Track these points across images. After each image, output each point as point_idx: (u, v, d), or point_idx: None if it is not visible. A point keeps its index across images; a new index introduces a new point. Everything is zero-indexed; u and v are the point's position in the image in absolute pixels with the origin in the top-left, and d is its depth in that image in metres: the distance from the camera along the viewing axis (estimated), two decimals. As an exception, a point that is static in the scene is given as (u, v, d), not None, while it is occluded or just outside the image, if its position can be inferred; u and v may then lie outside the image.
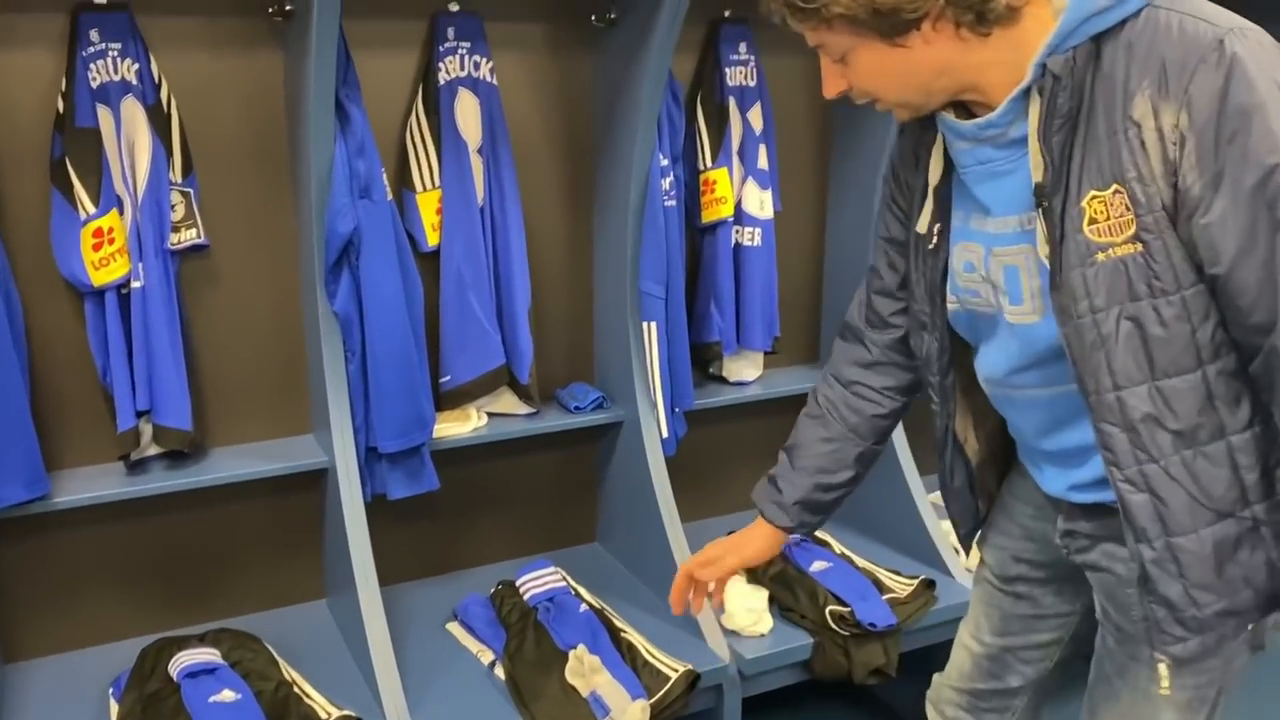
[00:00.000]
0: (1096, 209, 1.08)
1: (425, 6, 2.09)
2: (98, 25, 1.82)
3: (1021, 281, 1.17)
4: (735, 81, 2.39)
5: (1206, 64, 1.00)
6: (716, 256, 2.43)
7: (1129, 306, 1.08)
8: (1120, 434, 1.12)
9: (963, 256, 1.23)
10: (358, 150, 1.93)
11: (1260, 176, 1.00)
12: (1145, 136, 1.03)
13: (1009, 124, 1.12)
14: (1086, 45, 1.06)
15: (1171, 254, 1.05)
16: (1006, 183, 1.15)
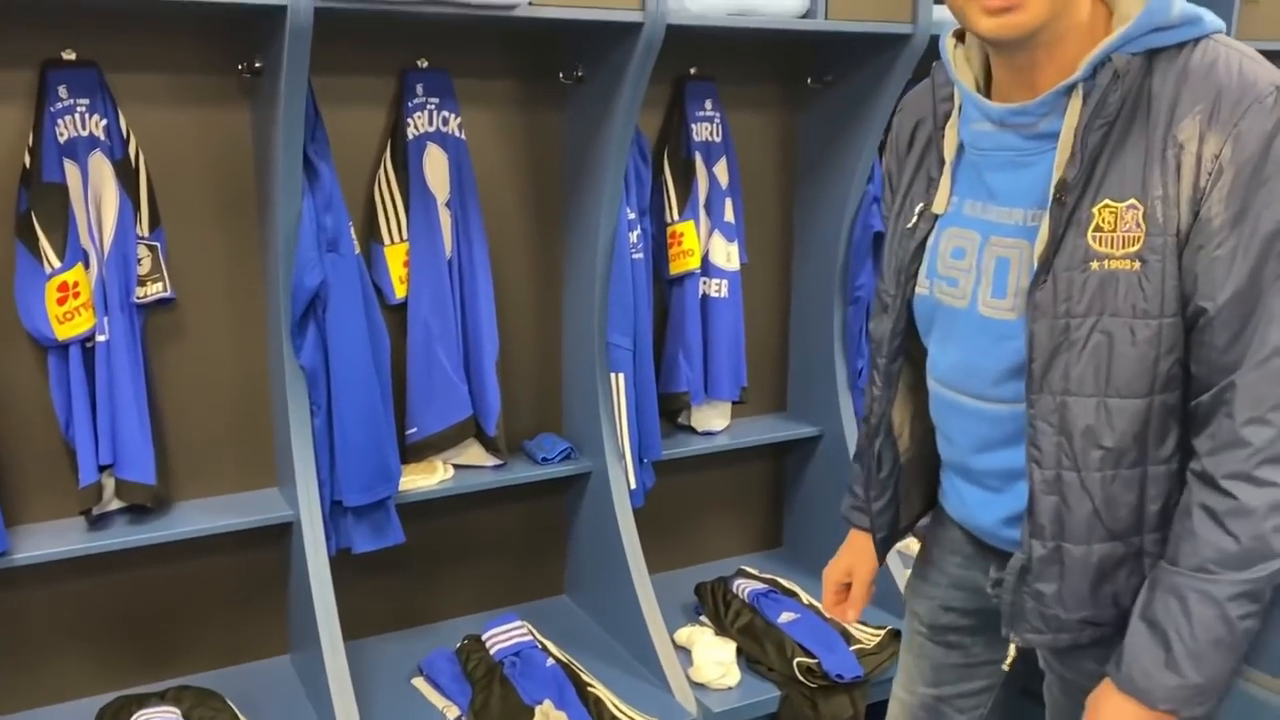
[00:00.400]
0: (1105, 218, 1.10)
1: (394, 63, 2.12)
2: (66, 81, 1.83)
3: (1010, 276, 1.18)
4: (701, 137, 2.42)
5: (1262, 106, 1.04)
6: (684, 308, 2.45)
7: (1106, 320, 1.10)
8: (1053, 437, 1.15)
9: (953, 242, 1.23)
10: (325, 205, 1.95)
11: (1275, 225, 1.04)
12: (1184, 159, 1.05)
13: (1043, 116, 1.13)
14: (1141, 57, 1.08)
15: (1167, 279, 1.08)
16: (1023, 174, 1.16)
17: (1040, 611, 1.20)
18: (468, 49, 2.17)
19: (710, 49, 2.40)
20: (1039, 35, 1.10)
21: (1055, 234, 1.11)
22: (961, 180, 1.24)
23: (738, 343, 2.52)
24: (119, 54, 1.88)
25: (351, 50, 2.06)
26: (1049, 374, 1.13)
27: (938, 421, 1.34)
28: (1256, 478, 1.06)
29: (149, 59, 1.92)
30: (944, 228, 1.25)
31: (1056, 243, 1.11)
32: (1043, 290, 1.12)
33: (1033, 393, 1.15)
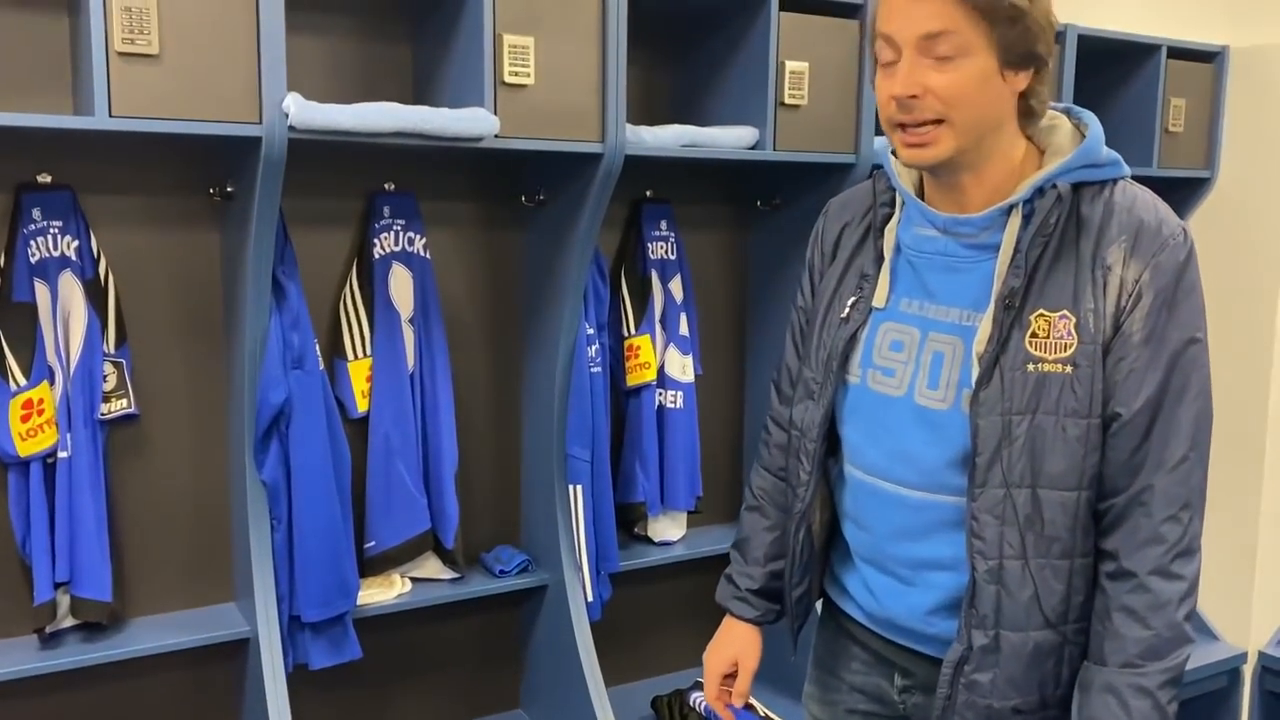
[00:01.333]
0: (1040, 325, 1.22)
1: (363, 186, 2.20)
2: (41, 204, 1.88)
3: (943, 369, 1.28)
4: (657, 255, 2.52)
5: (1176, 242, 1.21)
6: (641, 418, 2.51)
7: (1041, 417, 1.21)
8: (996, 528, 1.23)
9: (891, 335, 1.33)
10: (292, 323, 2.00)
11: (1182, 343, 1.20)
12: (1110, 279, 1.20)
13: (984, 229, 1.26)
14: (1068, 186, 1.23)
15: (1094, 383, 1.20)
16: (960, 278, 1.28)
17: (973, 702, 1.27)
18: (434, 173, 2.26)
19: (665, 174, 2.51)
20: (958, 161, 1.24)
21: (1000, 337, 1.23)
22: (899, 279, 1.34)
23: (693, 453, 2.58)
24: (93, 177, 1.94)
25: (321, 174, 2.13)
26: (992, 468, 1.22)
27: (854, 509, 1.40)
28: (1171, 571, 1.19)
29: (122, 181, 1.98)
30: (880, 321, 1.34)
31: (1001, 345, 1.22)
32: (987, 390, 1.23)
33: (976, 485, 1.24)
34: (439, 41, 2.09)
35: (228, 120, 1.72)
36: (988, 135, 1.23)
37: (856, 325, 1.36)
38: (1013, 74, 1.21)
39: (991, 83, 1.20)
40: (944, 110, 1.19)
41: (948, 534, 1.28)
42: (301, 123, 1.74)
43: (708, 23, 2.38)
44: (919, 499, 1.31)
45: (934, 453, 1.29)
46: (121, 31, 1.61)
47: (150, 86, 1.65)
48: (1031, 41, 1.20)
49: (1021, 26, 1.18)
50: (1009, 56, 1.19)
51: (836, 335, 1.37)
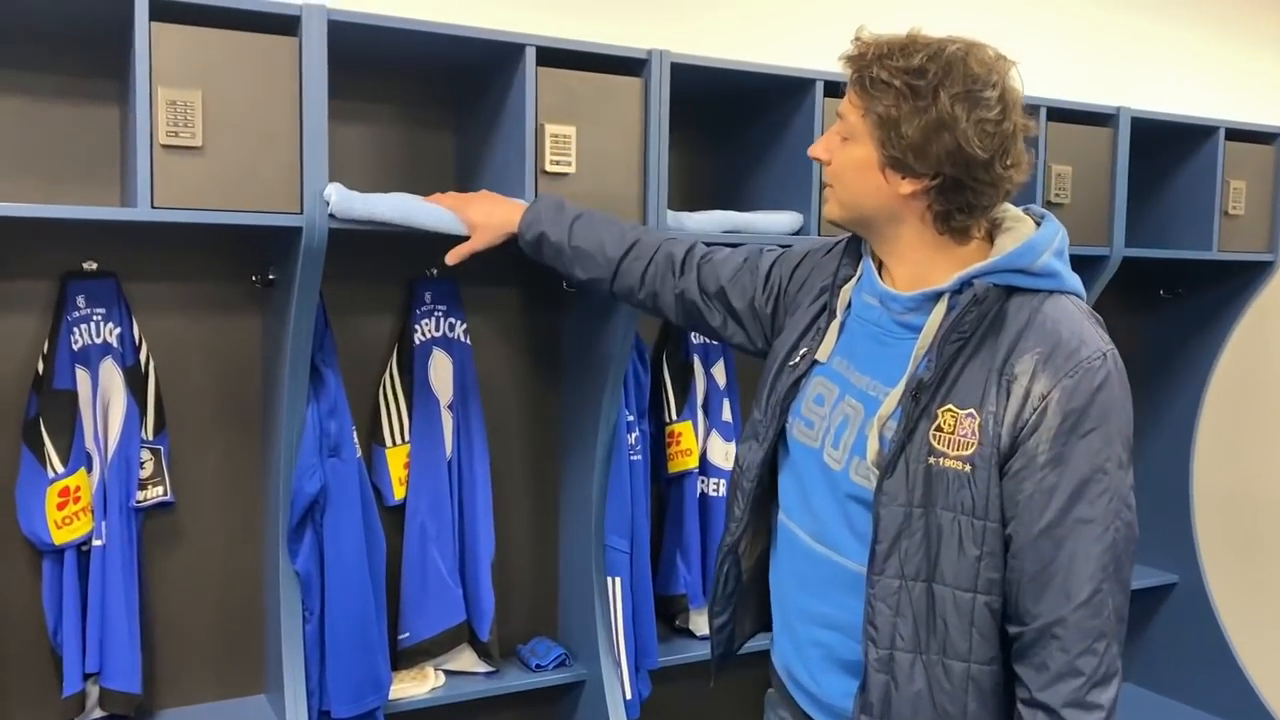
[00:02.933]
0: (947, 420, 1.23)
1: (405, 273, 2.20)
2: (85, 292, 1.90)
3: (845, 432, 1.32)
4: (698, 340, 2.48)
5: (1092, 365, 1.19)
6: (682, 507, 2.45)
7: (939, 512, 1.22)
8: (890, 618, 1.24)
9: (817, 389, 1.38)
10: (330, 411, 1.98)
11: (1091, 472, 1.18)
12: (1014, 388, 1.19)
13: (911, 310, 1.29)
14: (1000, 289, 1.24)
15: (991, 487, 1.20)
16: (881, 350, 1.32)
17: None
18: (476, 259, 2.22)
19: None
20: (866, 235, 1.35)
21: (907, 427, 1.24)
22: (842, 337, 1.38)
23: (736, 543, 2.50)
24: (137, 264, 1.96)
25: (364, 260, 2.13)
26: (890, 558, 1.24)
27: (774, 552, 1.47)
28: (1088, 703, 1.18)
29: (166, 268, 1.99)
30: (817, 374, 1.40)
31: (908, 435, 1.23)
32: (891, 479, 1.24)
33: (874, 573, 1.26)
34: (481, 130, 2.10)
35: (269, 210, 1.73)
36: (879, 222, 1.30)
37: (799, 374, 1.41)
38: (895, 176, 1.25)
39: (868, 175, 1.27)
40: (830, 179, 1.34)
41: (839, 594, 1.32)
42: (342, 212, 1.75)
43: (751, 107, 2.37)
44: (819, 552, 1.35)
45: (830, 508, 1.33)
46: (166, 124, 1.63)
47: (193, 178, 1.66)
48: (909, 152, 1.22)
49: (895, 134, 1.22)
50: (885, 158, 1.25)
51: (784, 381, 1.42)
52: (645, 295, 1.72)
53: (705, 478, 2.48)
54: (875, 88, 1.24)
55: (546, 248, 1.76)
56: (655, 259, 1.70)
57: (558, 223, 1.74)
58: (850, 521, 1.32)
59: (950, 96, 1.21)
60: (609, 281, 1.74)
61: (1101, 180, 2.59)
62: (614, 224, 1.75)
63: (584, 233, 1.73)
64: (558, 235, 1.74)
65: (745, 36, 2.54)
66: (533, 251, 1.79)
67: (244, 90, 1.69)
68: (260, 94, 1.70)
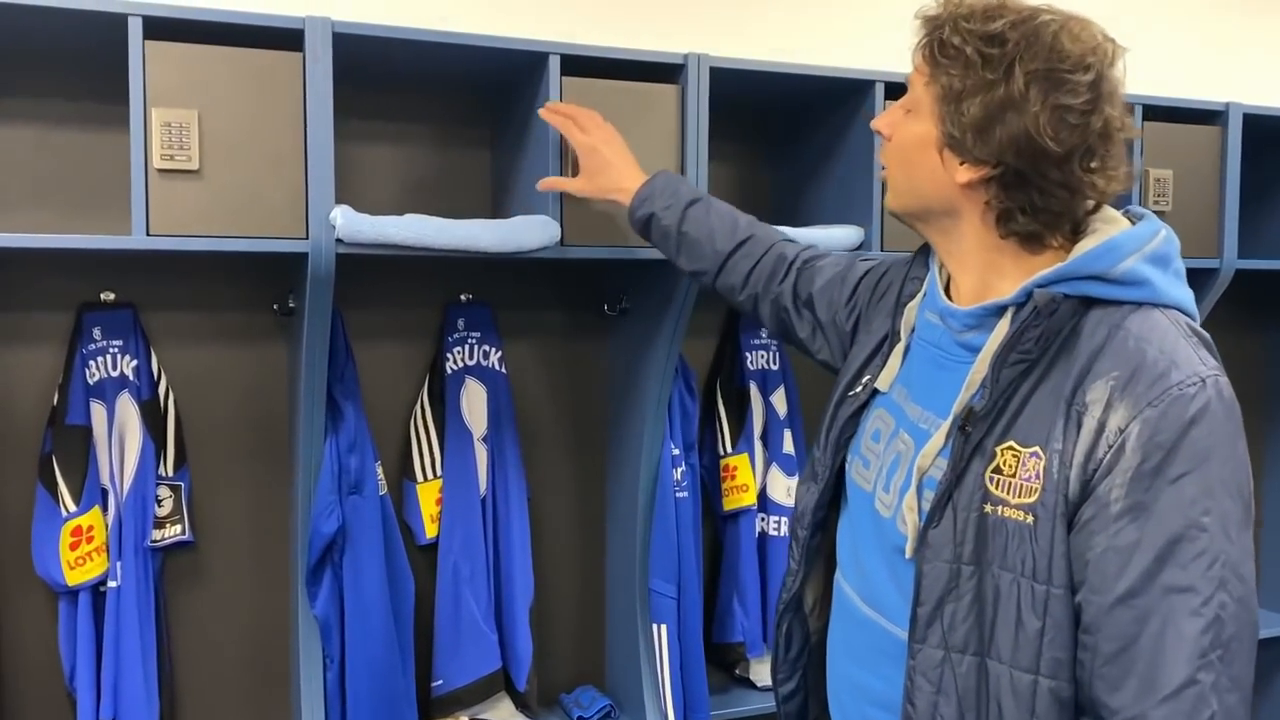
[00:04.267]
0: (1007, 460, 1.01)
1: (438, 298, 2.09)
2: (101, 323, 1.84)
3: (896, 472, 1.13)
4: (756, 365, 2.31)
5: (1184, 393, 0.95)
6: (739, 548, 2.27)
7: (995, 572, 1.01)
8: (930, 696, 1.03)
9: (876, 423, 1.20)
10: (349, 447, 1.87)
11: (1182, 528, 0.93)
12: (1086, 420, 0.98)
13: (969, 327, 1.10)
14: (1075, 301, 1.02)
15: (1055, 544, 0.98)
16: (939, 376, 1.13)
17: None
18: (511, 282, 2.13)
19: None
20: (923, 225, 1.15)
21: (957, 468, 1.02)
22: (906, 363, 1.20)
23: (800, 586, 2.31)
24: (156, 294, 1.90)
25: (393, 286, 2.04)
26: (932, 624, 1.03)
27: (831, 613, 1.27)
28: None
29: (186, 298, 1.92)
30: (877, 405, 1.22)
31: (957, 478, 1.02)
32: (937, 529, 1.03)
33: (915, 641, 1.05)
34: (513, 147, 1.98)
35: (273, 236, 1.63)
36: (936, 214, 1.13)
37: (859, 404, 1.23)
38: (953, 159, 1.07)
39: (926, 155, 1.09)
40: (885, 158, 1.17)
41: (887, 666, 1.12)
42: (350, 236, 1.64)
43: (806, 115, 2.20)
44: (866, 615, 1.17)
45: (878, 563, 1.15)
46: (161, 148, 1.55)
47: (190, 203, 1.58)
48: (969, 132, 1.04)
49: (956, 110, 1.05)
50: (944, 136, 1.07)
51: (844, 412, 1.25)
52: (745, 297, 1.53)
53: (765, 515, 2.30)
54: (945, 54, 1.05)
55: (655, 230, 1.60)
56: (764, 259, 1.51)
57: (672, 205, 1.58)
58: (897, 578, 1.12)
59: (1026, 73, 1.00)
60: (713, 276, 1.56)
61: (1208, 185, 2.32)
62: (730, 215, 1.57)
63: (696, 220, 1.56)
64: (669, 219, 1.57)
65: (803, 43, 2.36)
66: (639, 229, 1.64)
67: (244, 109, 1.60)
68: (262, 113, 1.61)
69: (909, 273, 1.26)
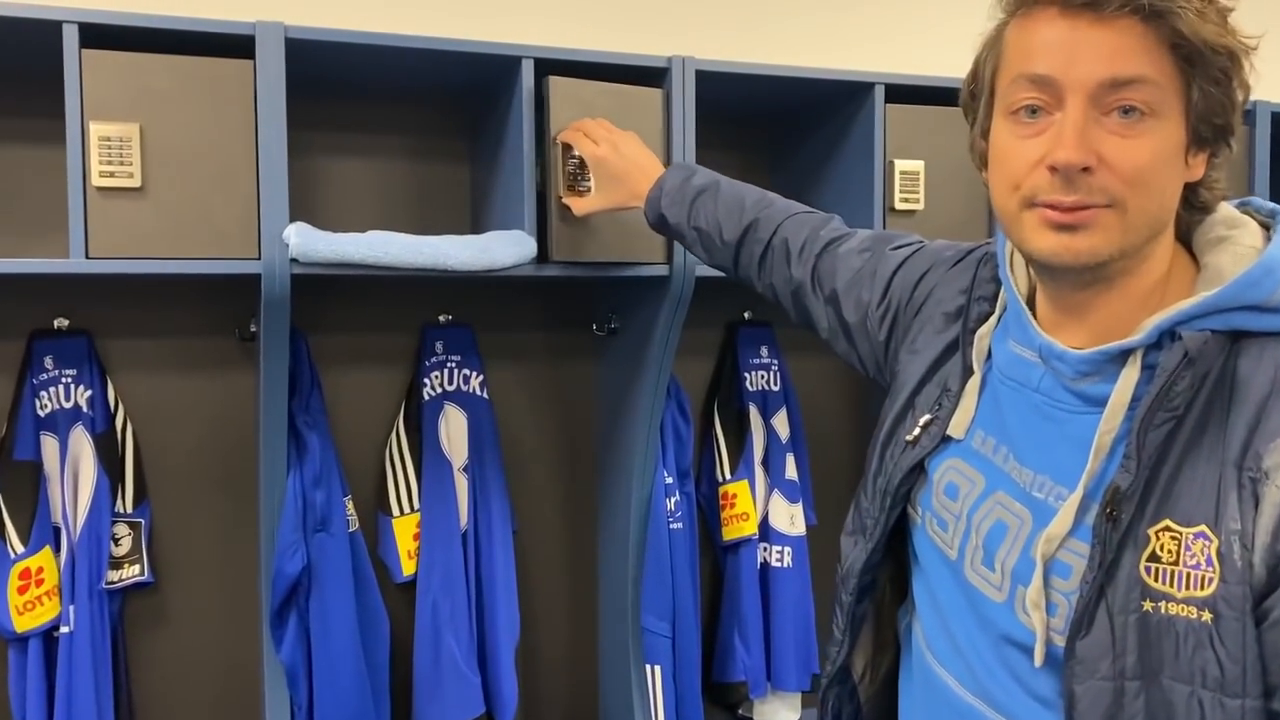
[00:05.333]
0: (1166, 544, 0.81)
1: (413, 320, 1.97)
2: (53, 352, 1.74)
3: (1001, 546, 0.92)
4: (756, 386, 2.18)
5: None
6: (740, 580, 2.13)
7: (1166, 684, 0.80)
8: None
9: (950, 476, 0.99)
10: (314, 480, 1.75)
11: None
12: (1266, 491, 0.77)
13: (1085, 374, 0.88)
14: (1223, 337, 0.82)
15: (1248, 647, 0.77)
16: (1049, 430, 0.91)
17: None
18: (493, 301, 2.01)
19: (766, 291, 2.19)
20: (1104, 270, 0.86)
21: (1106, 559, 0.82)
22: (984, 401, 0.99)
23: (806, 621, 2.16)
24: (114, 320, 1.79)
25: (367, 307, 1.93)
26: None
27: (905, 683, 1.08)
28: None
29: (145, 324, 1.82)
30: (949, 455, 1.00)
31: (1107, 573, 0.82)
32: (1087, 639, 0.83)
33: None
34: (490, 159, 1.86)
35: (223, 257, 1.52)
36: (1150, 243, 0.87)
37: (924, 453, 1.01)
38: (1195, 155, 0.86)
39: (1174, 165, 0.85)
40: (1121, 192, 0.82)
41: None
42: (305, 255, 1.52)
43: (806, 119, 2.07)
44: (965, 702, 0.96)
45: (982, 648, 0.94)
46: (100, 164, 1.44)
47: (133, 223, 1.47)
48: (1229, 112, 0.84)
49: (1224, 90, 0.83)
50: (1200, 129, 0.84)
51: (900, 460, 1.03)
52: (765, 287, 1.37)
53: (767, 545, 2.16)
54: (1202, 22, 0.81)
55: (671, 230, 1.49)
56: (773, 243, 1.34)
57: (678, 201, 1.45)
58: (1014, 672, 0.91)
59: None
60: (732, 270, 1.42)
61: (1235, 183, 2.17)
62: (736, 200, 1.41)
63: (704, 211, 1.42)
64: (677, 217, 1.45)
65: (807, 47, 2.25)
66: (660, 230, 1.53)
67: (190, 122, 1.49)
68: (210, 126, 1.50)
69: (973, 289, 1.04)
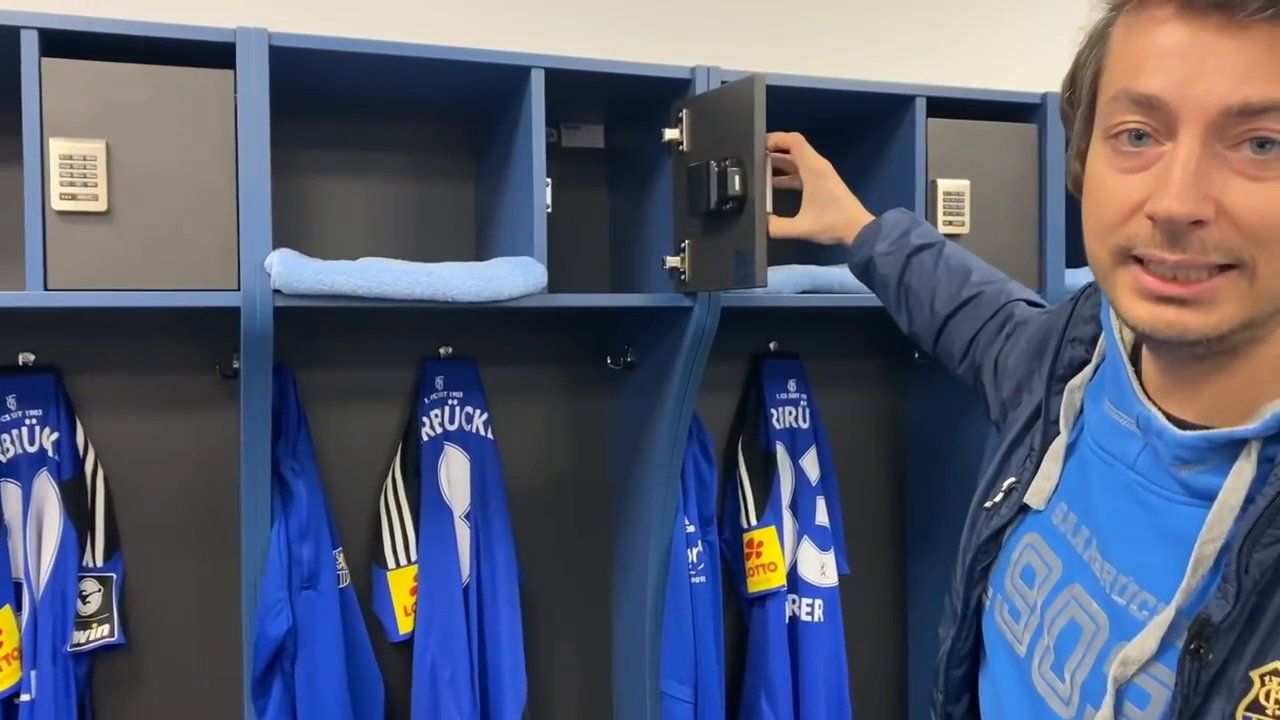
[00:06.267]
0: (1272, 692, 0.64)
1: (412, 353, 1.82)
2: (16, 390, 1.59)
3: (1074, 653, 0.76)
4: (784, 423, 2.01)
5: None
6: (767, 635, 1.96)
7: None
8: None
9: (1028, 556, 0.83)
10: (301, 534, 1.59)
11: None
12: None
13: (1187, 463, 0.71)
14: None
15: None
16: (1141, 518, 0.73)
17: None
18: (500, 332, 1.86)
19: (794, 321, 2.03)
20: (1224, 343, 0.68)
21: (1190, 705, 0.66)
22: (1071, 467, 0.82)
23: (839, 679, 1.99)
24: (84, 355, 1.65)
25: (362, 339, 1.78)
26: None
27: None
28: None
29: (118, 360, 1.67)
30: (1029, 529, 0.84)
31: (1194, 717, 0.66)
32: None
33: None
34: (498, 178, 1.71)
35: (198, 288, 1.37)
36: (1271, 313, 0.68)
37: (1003, 522, 0.85)
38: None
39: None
40: (1248, 251, 0.64)
41: None
42: (289, 285, 1.37)
43: (840, 136, 1.91)
44: None
45: None
46: (60, 185, 1.29)
47: (97, 250, 1.32)
48: None
49: None
50: None
51: (980, 529, 0.87)
52: (965, 370, 1.17)
53: (796, 597, 1.99)
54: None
55: (875, 278, 1.31)
56: (989, 324, 1.14)
57: (895, 250, 1.27)
58: None
59: None
60: (932, 342, 1.23)
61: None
62: (962, 267, 1.22)
63: (921, 271, 1.24)
64: (889, 267, 1.27)
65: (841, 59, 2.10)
66: (860, 276, 1.35)
67: (163, 139, 1.35)
68: (185, 143, 1.36)
69: (1067, 328, 0.87)
